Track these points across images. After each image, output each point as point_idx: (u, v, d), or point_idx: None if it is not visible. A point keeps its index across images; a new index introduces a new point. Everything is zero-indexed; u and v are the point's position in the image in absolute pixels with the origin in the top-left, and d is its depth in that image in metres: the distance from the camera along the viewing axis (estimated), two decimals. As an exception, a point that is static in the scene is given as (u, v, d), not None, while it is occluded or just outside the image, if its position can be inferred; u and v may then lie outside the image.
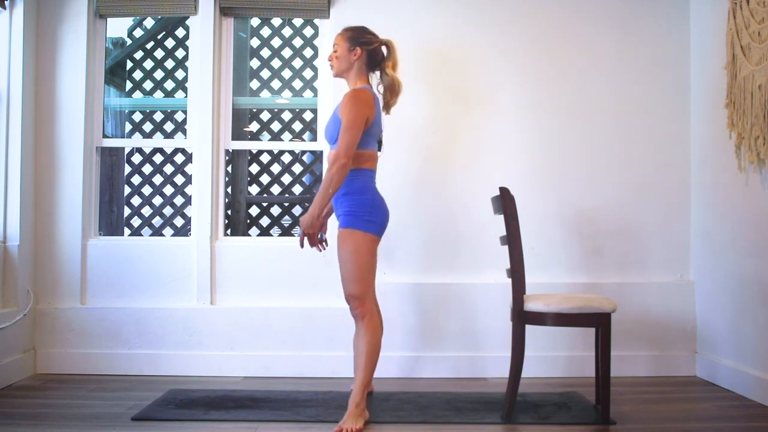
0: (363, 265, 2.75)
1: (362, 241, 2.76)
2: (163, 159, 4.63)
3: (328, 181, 2.70)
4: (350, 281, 2.75)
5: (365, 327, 2.77)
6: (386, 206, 2.89)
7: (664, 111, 3.77)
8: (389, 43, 2.96)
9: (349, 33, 2.94)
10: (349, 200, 2.80)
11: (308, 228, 2.76)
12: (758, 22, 3.02)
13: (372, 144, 2.88)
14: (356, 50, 2.90)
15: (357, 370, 2.75)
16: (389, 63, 2.95)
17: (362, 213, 2.77)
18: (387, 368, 3.58)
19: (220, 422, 2.77)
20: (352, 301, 2.78)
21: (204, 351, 3.63)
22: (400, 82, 2.95)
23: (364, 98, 2.79)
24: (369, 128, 2.81)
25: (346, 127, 2.71)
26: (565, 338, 3.64)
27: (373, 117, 2.81)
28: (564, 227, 3.73)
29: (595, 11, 3.78)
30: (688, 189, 3.76)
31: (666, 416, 2.89)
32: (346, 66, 2.91)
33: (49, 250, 3.67)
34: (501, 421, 2.80)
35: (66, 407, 2.97)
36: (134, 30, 4.80)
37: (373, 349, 2.76)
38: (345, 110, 2.76)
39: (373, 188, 2.88)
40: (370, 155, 2.87)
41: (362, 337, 2.76)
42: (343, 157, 2.69)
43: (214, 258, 3.71)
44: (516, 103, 3.76)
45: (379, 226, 2.82)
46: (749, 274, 3.20)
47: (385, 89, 2.95)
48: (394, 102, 2.98)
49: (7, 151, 3.52)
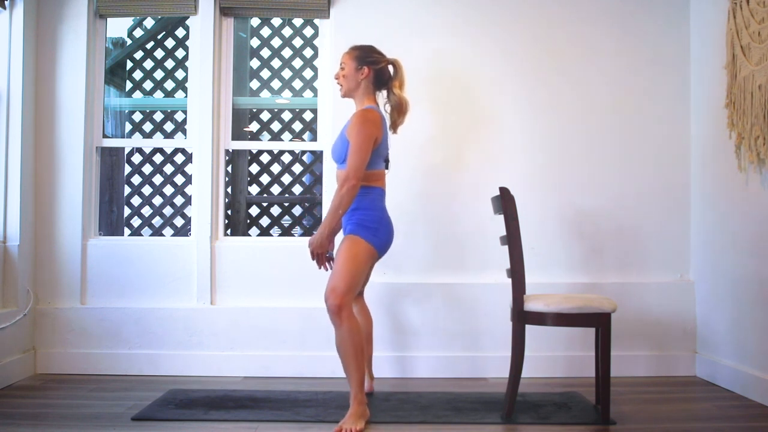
0: (356, 270, 2.75)
1: (363, 250, 2.78)
2: (163, 159, 4.63)
3: (338, 202, 2.72)
4: (338, 276, 2.72)
5: (345, 328, 2.67)
6: (392, 228, 2.92)
7: (664, 111, 3.78)
8: (396, 62, 2.97)
9: (357, 52, 2.94)
10: (359, 214, 2.83)
11: (318, 248, 2.79)
12: (758, 22, 3.02)
13: (380, 164, 2.90)
14: (364, 69, 2.90)
15: (348, 373, 2.71)
16: (396, 82, 2.96)
17: (370, 226, 2.80)
18: (387, 368, 3.58)
19: (220, 422, 2.77)
20: (332, 295, 2.68)
21: (204, 351, 3.63)
22: (407, 101, 2.97)
23: (372, 119, 2.80)
24: (377, 149, 2.82)
25: (355, 150, 2.73)
26: (565, 338, 3.64)
27: (381, 137, 2.82)
28: (564, 227, 3.73)
29: (595, 11, 3.78)
30: (688, 189, 3.76)
31: (666, 416, 2.89)
32: (353, 85, 2.92)
33: (49, 250, 3.68)
34: (501, 421, 2.80)
35: (66, 407, 2.97)
36: (134, 30, 4.79)
37: (358, 349, 2.69)
38: (353, 132, 2.77)
39: (382, 207, 2.90)
40: (379, 175, 2.89)
41: (345, 340, 2.67)
42: (353, 179, 2.71)
43: (214, 258, 3.71)
44: (516, 103, 3.76)
45: (382, 243, 2.84)
46: (749, 274, 3.19)
47: (392, 109, 2.97)
48: (401, 121, 2.99)
49: (7, 151, 3.52)
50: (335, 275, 2.74)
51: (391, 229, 2.91)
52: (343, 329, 2.68)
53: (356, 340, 2.68)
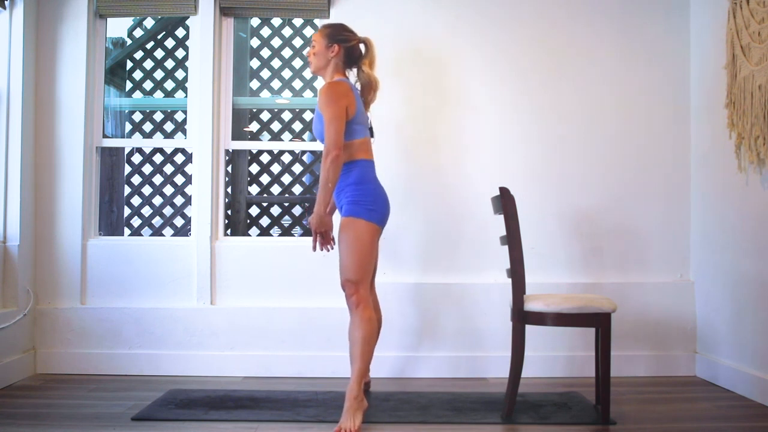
0: (363, 253, 2.75)
1: (364, 230, 2.77)
2: (163, 159, 4.63)
3: (325, 175, 2.71)
4: (348, 267, 2.74)
5: (360, 316, 2.73)
6: (387, 197, 2.90)
7: (664, 111, 3.78)
8: (367, 41, 2.98)
9: (327, 30, 2.95)
10: (351, 190, 2.81)
11: (319, 227, 2.79)
12: (758, 22, 3.02)
13: (361, 132, 2.87)
14: (333, 47, 2.91)
15: (353, 361, 2.72)
16: (366, 61, 2.97)
17: (365, 202, 2.79)
18: (387, 368, 3.59)
19: (220, 422, 2.77)
20: (348, 287, 2.75)
21: (204, 351, 3.63)
22: (376, 79, 2.98)
23: (337, 89, 2.79)
24: (353, 117, 2.81)
25: (328, 120, 2.73)
26: (565, 338, 3.64)
27: (354, 106, 2.81)
28: (564, 227, 3.73)
29: (595, 11, 3.78)
30: (688, 189, 3.77)
31: (666, 416, 2.89)
32: (323, 63, 2.93)
33: (49, 250, 3.68)
34: (501, 421, 2.80)
35: (66, 407, 2.97)
36: (134, 30, 4.79)
37: (368, 339, 2.72)
38: (323, 104, 2.77)
39: (373, 178, 2.88)
40: (362, 144, 2.87)
41: (357, 327, 2.72)
42: (334, 149, 2.70)
43: (214, 258, 3.71)
44: (516, 103, 3.76)
45: (381, 216, 2.83)
46: (749, 274, 3.19)
47: (362, 87, 2.98)
48: (372, 98, 3.00)
49: (7, 151, 3.52)
50: (345, 266, 2.74)
51: (387, 199, 2.88)
52: (357, 315, 2.72)
53: (366, 330, 2.71)
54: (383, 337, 3.59)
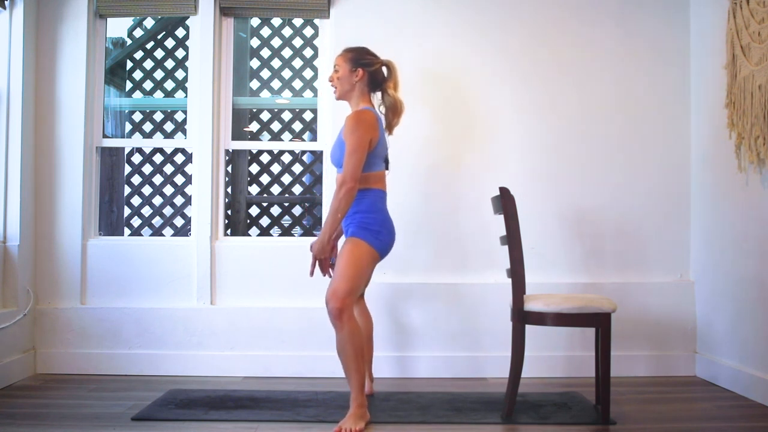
0: (358, 270, 2.74)
1: (366, 252, 2.76)
2: (163, 159, 4.62)
3: (336, 206, 2.70)
4: (340, 280, 2.70)
5: (348, 330, 2.66)
6: (394, 230, 2.90)
7: (664, 111, 3.78)
8: (389, 63, 2.97)
9: (351, 54, 2.93)
10: (360, 216, 2.81)
11: (320, 253, 2.79)
12: (758, 22, 3.02)
13: (378, 165, 2.88)
14: (358, 71, 2.90)
15: (349, 376, 2.70)
16: (390, 84, 2.95)
17: (372, 229, 2.79)
18: (387, 368, 3.59)
19: (220, 422, 2.77)
20: (333, 298, 2.66)
21: (204, 351, 3.63)
22: (402, 102, 2.96)
23: (366, 120, 2.78)
24: (374, 149, 2.81)
25: (350, 151, 2.72)
26: (565, 338, 3.64)
27: (377, 138, 2.81)
28: (564, 227, 3.73)
29: (595, 11, 3.78)
30: (688, 189, 3.77)
31: (666, 416, 2.89)
32: (348, 87, 2.92)
33: (49, 250, 3.68)
34: (501, 421, 2.80)
35: (66, 407, 2.97)
36: (134, 30, 4.79)
37: (359, 352, 2.68)
38: (348, 134, 2.75)
39: (383, 209, 2.88)
40: (378, 176, 2.88)
41: (347, 341, 2.66)
42: (350, 181, 2.69)
43: (214, 258, 3.71)
44: (516, 103, 3.76)
45: (384, 245, 2.83)
46: (749, 274, 3.19)
47: (387, 110, 2.95)
48: (396, 122, 2.98)
49: (7, 151, 3.52)
50: (337, 278, 2.72)
51: (393, 231, 2.89)
52: (343, 332, 2.66)
53: (356, 343, 2.67)
54: (383, 337, 3.61)
